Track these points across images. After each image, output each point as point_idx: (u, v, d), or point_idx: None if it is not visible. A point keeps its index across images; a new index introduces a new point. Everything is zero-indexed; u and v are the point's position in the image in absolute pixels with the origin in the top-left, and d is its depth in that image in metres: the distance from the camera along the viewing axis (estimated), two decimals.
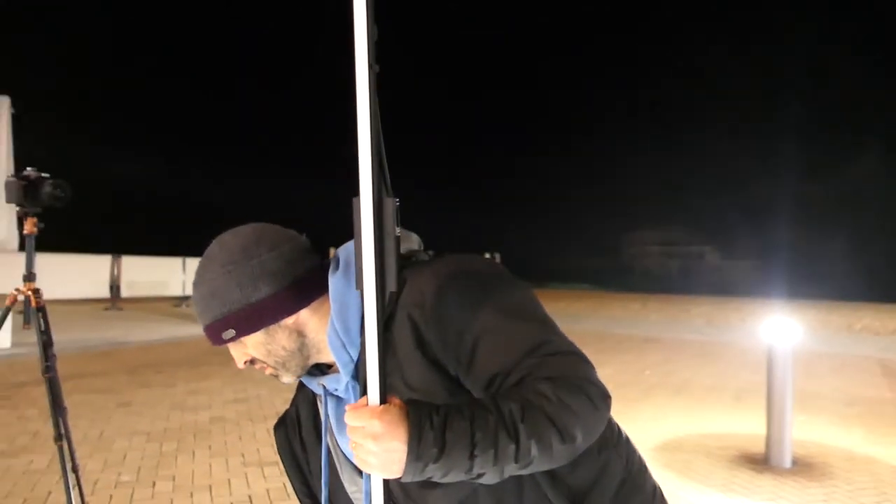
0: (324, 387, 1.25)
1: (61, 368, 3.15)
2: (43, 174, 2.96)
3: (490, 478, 0.97)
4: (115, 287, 16.28)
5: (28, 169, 3.01)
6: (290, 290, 1.17)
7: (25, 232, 3.01)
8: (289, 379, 1.24)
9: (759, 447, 5.08)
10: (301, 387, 1.38)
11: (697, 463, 4.86)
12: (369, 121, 0.91)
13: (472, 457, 0.93)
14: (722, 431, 5.79)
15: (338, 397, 1.26)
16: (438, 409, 0.96)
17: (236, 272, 1.16)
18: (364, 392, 0.99)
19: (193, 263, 18.15)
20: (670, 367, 9.53)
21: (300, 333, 1.20)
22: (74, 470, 2.94)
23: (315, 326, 1.20)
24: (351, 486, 1.30)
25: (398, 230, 0.97)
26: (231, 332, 1.18)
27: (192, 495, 4.11)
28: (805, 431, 5.64)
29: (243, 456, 4.90)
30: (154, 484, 4.29)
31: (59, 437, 2.86)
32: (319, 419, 1.33)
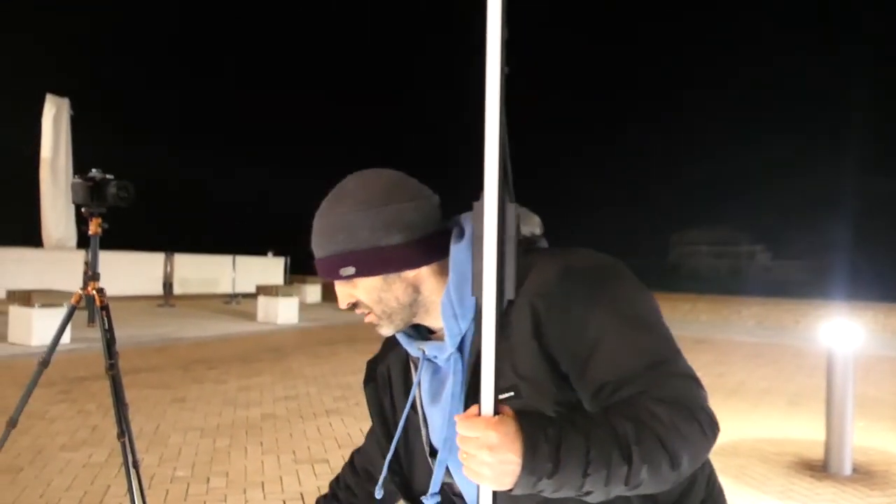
0: (423, 352, 1.23)
1: (119, 356, 3.22)
2: (107, 175, 3.04)
3: (596, 496, 0.95)
4: (168, 284, 16.67)
5: (93, 170, 3.09)
6: (420, 244, 1.16)
7: (90, 232, 3.09)
8: (388, 331, 1.22)
9: (817, 453, 4.94)
10: (393, 346, 1.35)
11: (753, 468, 4.75)
12: (498, 124, 0.88)
13: (585, 475, 0.91)
14: (778, 436, 5.64)
15: (434, 365, 1.24)
16: (553, 423, 0.94)
17: (372, 213, 1.14)
18: (474, 374, 0.99)
19: (243, 261, 18.52)
20: (723, 368, 9.34)
21: (416, 289, 1.19)
22: (135, 466, 3.01)
23: (432, 287, 1.19)
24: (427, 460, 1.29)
25: (519, 218, 0.94)
26: (350, 270, 1.15)
27: (245, 491, 4.17)
28: (865, 438, 5.46)
29: (294, 453, 4.96)
30: (208, 479, 4.37)
31: (121, 434, 2.93)
32: (411, 382, 1.31)
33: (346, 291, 1.20)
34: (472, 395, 1.08)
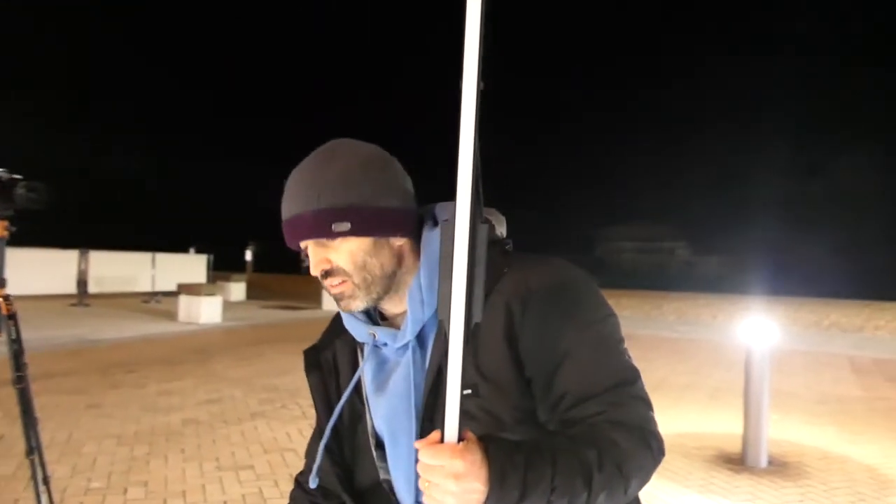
0: (373, 337, 1.18)
1: (28, 367, 3.04)
2: (14, 176, 2.84)
3: None
4: (82, 282, 15.97)
5: None
6: (412, 214, 1.14)
7: None
8: (361, 304, 1.14)
9: (735, 446, 5.12)
10: (339, 333, 1.28)
11: (675, 463, 4.88)
12: (472, 142, 0.83)
13: (548, 502, 0.92)
14: (699, 431, 5.82)
15: (380, 353, 1.20)
16: (518, 449, 0.93)
17: (373, 173, 1.10)
18: (436, 380, 1.00)
19: (163, 258, 17.95)
20: (645, 364, 9.58)
21: (399, 261, 1.14)
22: (45, 482, 2.84)
23: (408, 265, 1.15)
24: (372, 452, 1.25)
25: (491, 220, 0.92)
26: (345, 226, 1.08)
27: (165, 501, 4.01)
28: (779, 431, 5.69)
29: (218, 460, 4.81)
30: (125, 490, 4.19)
31: (30, 451, 2.76)
32: (356, 370, 1.25)
33: (323, 255, 1.12)
34: (431, 402, 1.07)
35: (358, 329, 1.21)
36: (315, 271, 1.12)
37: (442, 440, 0.89)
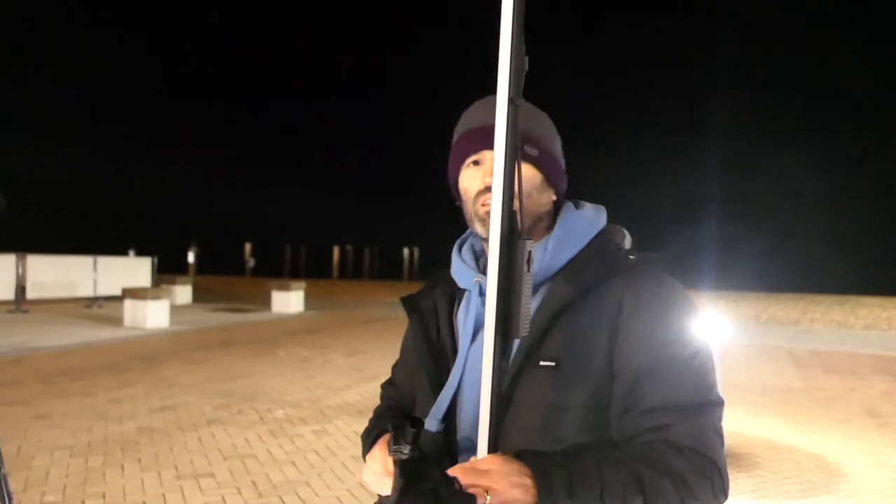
0: (479, 284, 1.19)
1: None
2: None
3: None
4: (20, 288, 15.39)
5: None
6: (566, 175, 1.24)
7: None
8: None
9: None
10: (439, 285, 1.31)
11: None
12: (503, 156, 0.88)
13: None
14: None
15: (478, 305, 1.20)
16: (565, 463, 0.95)
17: (555, 131, 1.23)
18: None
19: (105, 262, 17.41)
20: None
21: (547, 212, 1.20)
22: (9, 500, 2.75)
23: (544, 225, 1.20)
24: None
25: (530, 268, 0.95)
26: (534, 152, 1.16)
27: None
28: (728, 423, 5.86)
29: (176, 468, 4.72)
30: (83, 503, 4.08)
31: None
32: (455, 319, 1.26)
33: (482, 172, 1.16)
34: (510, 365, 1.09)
35: (465, 274, 1.24)
36: (487, 178, 1.13)
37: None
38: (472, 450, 1.00)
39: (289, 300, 16.55)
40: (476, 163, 1.17)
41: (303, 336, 11.95)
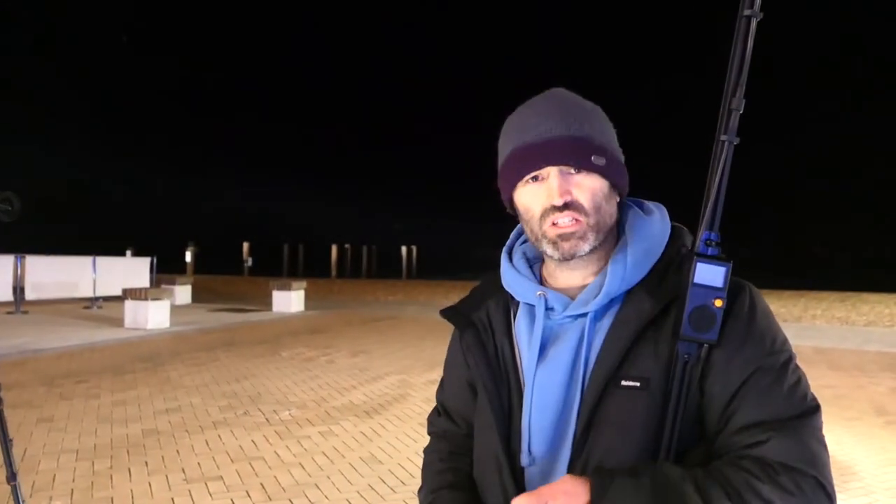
0: (544, 297, 1.12)
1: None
2: None
3: None
4: (19, 289, 15.32)
5: None
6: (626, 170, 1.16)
7: None
8: (587, 248, 1.08)
9: None
10: (489, 295, 1.23)
11: None
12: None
13: None
14: None
15: (532, 315, 1.14)
16: (644, 490, 0.92)
17: (614, 129, 1.15)
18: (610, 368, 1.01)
19: (105, 262, 17.34)
20: None
21: (614, 221, 1.13)
22: None
23: (613, 231, 1.14)
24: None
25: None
26: (601, 161, 1.07)
27: None
28: None
29: (184, 471, 4.68)
30: None
31: (12, 477, 2.63)
32: (511, 331, 1.17)
33: (566, 186, 1.07)
34: (598, 388, 1.02)
35: (525, 287, 1.15)
36: (559, 199, 1.06)
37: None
38: (542, 475, 0.96)
39: (290, 300, 16.48)
40: (535, 178, 1.09)
41: (305, 336, 11.92)
